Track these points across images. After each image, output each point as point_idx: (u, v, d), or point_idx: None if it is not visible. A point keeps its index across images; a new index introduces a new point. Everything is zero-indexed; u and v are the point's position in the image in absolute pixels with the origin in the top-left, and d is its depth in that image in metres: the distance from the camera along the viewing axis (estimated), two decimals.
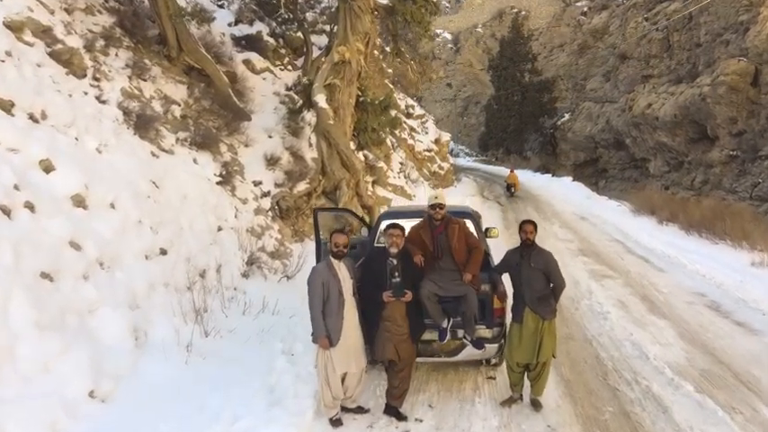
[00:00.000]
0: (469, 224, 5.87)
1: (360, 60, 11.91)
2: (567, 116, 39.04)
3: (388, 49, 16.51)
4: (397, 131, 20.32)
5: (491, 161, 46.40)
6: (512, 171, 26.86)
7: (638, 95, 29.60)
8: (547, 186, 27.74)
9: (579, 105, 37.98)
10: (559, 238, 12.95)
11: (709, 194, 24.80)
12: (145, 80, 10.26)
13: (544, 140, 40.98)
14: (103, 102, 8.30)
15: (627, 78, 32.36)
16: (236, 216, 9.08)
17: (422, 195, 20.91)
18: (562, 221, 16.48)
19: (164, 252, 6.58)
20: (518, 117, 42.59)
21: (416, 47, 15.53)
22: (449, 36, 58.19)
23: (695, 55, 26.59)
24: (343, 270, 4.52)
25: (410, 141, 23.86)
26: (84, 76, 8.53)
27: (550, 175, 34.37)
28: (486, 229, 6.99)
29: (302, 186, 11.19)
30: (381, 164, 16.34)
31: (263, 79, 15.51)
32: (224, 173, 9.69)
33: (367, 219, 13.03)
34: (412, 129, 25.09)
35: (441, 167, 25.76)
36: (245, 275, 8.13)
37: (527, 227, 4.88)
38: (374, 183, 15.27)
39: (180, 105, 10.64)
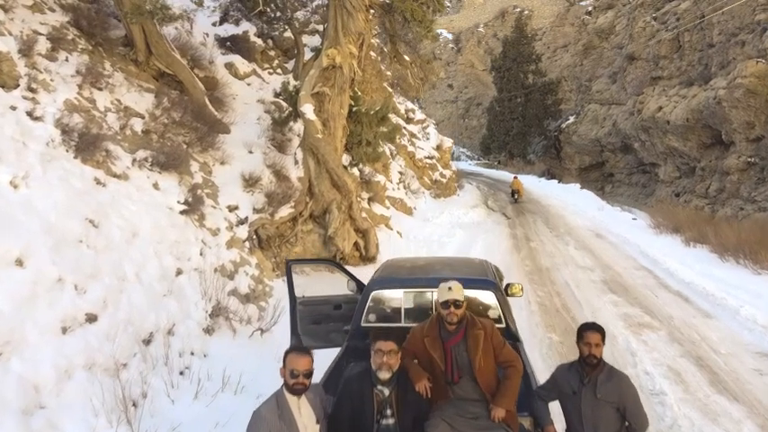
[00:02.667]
0: (491, 297, 4.34)
1: (352, 65, 10.43)
2: (571, 119, 37.84)
3: (386, 49, 15.07)
4: (396, 138, 18.82)
5: (493, 165, 45.08)
6: (515, 177, 26.91)
7: (648, 98, 28.48)
8: (554, 194, 26.56)
9: (584, 107, 36.82)
10: (579, 265, 11.43)
11: (726, 203, 23.59)
12: (100, 89, 8.78)
13: (548, 144, 39.82)
14: (37, 118, 6.82)
15: (635, 80, 31.19)
16: (201, 253, 7.58)
17: (423, 208, 19.48)
18: (577, 240, 14.97)
19: (92, 319, 5.10)
20: (521, 119, 41.40)
21: (417, 48, 14.04)
22: (450, 36, 56.78)
23: (708, 56, 25.43)
24: (304, 411, 2.86)
25: (410, 148, 22.40)
26: (16, 86, 7.07)
27: (557, 181, 33.16)
28: (507, 287, 5.47)
29: (285, 211, 9.68)
30: (379, 177, 14.85)
31: (248, 85, 14.10)
32: (190, 199, 8.19)
33: (361, 243, 11.57)
34: (412, 135, 23.61)
35: (443, 175, 24.29)
36: (207, 331, 6.65)
37: (591, 336, 3.18)
38: (370, 200, 13.77)
39: (143, 118, 9.17)
